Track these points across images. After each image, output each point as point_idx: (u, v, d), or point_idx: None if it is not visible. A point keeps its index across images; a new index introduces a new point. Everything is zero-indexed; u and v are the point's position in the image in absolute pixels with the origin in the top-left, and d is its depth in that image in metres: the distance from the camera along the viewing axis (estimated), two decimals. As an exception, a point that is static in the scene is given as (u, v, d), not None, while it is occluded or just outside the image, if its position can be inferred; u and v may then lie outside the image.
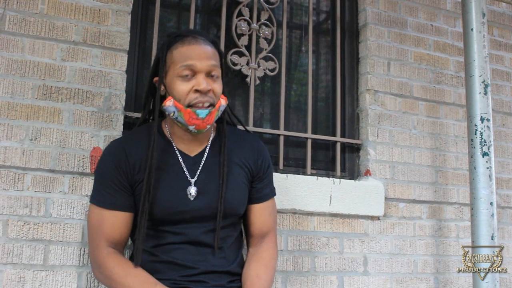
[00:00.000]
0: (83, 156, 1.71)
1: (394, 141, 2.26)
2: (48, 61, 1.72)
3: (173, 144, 1.41)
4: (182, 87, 1.33)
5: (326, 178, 2.06)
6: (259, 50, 2.16)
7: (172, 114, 1.35)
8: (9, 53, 1.67)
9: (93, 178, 1.70)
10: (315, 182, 2.02)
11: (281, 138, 2.12)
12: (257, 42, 2.16)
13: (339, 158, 2.22)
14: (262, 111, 2.23)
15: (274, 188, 1.56)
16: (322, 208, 2.02)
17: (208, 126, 1.37)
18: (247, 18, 2.15)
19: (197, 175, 1.39)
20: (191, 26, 2.02)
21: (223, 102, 1.40)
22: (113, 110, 1.77)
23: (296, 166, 2.18)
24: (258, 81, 2.13)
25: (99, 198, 1.36)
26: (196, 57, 1.33)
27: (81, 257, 1.66)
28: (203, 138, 1.44)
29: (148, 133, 1.40)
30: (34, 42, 1.71)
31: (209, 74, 1.35)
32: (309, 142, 2.17)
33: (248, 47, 2.13)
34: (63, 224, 1.65)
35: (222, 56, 1.47)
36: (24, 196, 1.63)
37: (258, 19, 2.17)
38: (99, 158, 1.45)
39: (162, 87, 1.40)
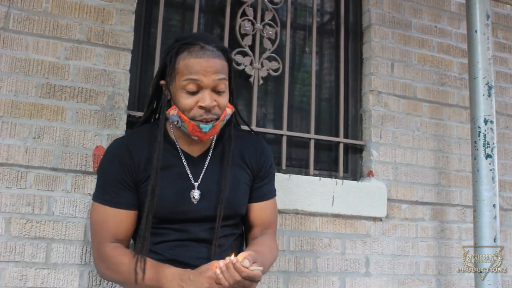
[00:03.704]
0: (86, 154, 1.71)
1: (397, 142, 2.26)
2: (52, 60, 1.72)
3: (177, 145, 1.41)
4: (186, 101, 1.30)
5: (329, 179, 2.06)
6: (262, 50, 2.15)
7: (176, 123, 1.35)
8: (13, 51, 1.68)
9: (95, 177, 1.70)
10: (318, 183, 2.02)
11: (284, 138, 2.12)
12: (261, 42, 2.15)
13: (342, 158, 2.22)
14: (265, 111, 2.23)
15: (275, 189, 1.55)
16: (325, 208, 2.02)
17: (211, 137, 1.38)
18: (251, 18, 2.15)
19: (200, 178, 1.39)
20: (195, 25, 2.02)
21: (228, 111, 1.37)
22: (116, 109, 1.77)
23: (298, 166, 2.18)
24: (261, 81, 2.12)
25: (103, 196, 1.34)
26: (202, 72, 1.28)
27: (83, 255, 1.66)
28: (206, 139, 1.43)
29: (151, 133, 1.38)
30: (38, 41, 1.71)
31: (214, 89, 1.32)
32: (312, 143, 2.17)
33: (252, 47, 2.13)
34: (66, 222, 1.66)
35: (231, 63, 1.42)
36: (27, 194, 1.63)
37: (262, 19, 2.17)
38: (101, 156, 1.44)
39: (168, 92, 1.37)
